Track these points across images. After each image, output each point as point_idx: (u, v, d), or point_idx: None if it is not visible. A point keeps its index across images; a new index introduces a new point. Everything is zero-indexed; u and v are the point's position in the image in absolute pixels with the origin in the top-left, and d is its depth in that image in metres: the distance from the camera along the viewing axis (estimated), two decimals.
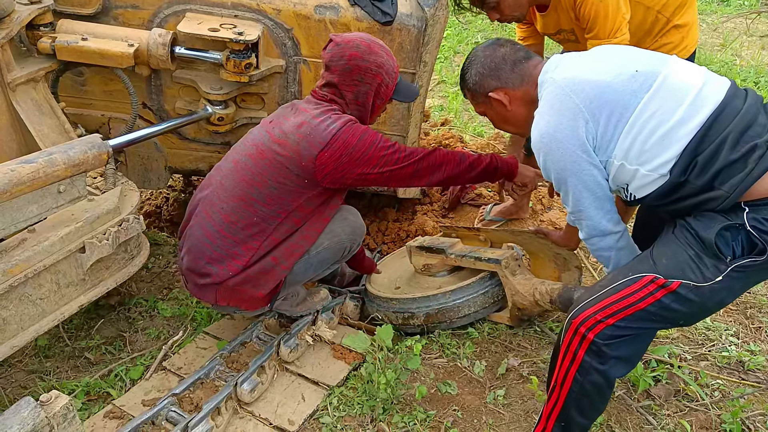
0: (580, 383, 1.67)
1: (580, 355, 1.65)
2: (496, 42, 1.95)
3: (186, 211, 2.29)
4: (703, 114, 1.58)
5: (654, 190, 1.64)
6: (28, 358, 2.39)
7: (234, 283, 2.13)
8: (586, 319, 1.64)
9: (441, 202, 3.36)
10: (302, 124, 2.09)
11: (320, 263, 2.27)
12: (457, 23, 6.36)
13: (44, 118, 2.35)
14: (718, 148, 1.54)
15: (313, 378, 2.24)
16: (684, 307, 1.59)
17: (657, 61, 1.71)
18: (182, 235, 2.26)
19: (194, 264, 2.16)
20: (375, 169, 2.10)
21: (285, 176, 2.08)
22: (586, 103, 1.66)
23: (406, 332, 2.48)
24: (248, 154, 2.15)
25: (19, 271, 1.88)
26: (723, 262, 1.54)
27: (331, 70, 2.15)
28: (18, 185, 1.79)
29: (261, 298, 2.20)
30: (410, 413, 2.08)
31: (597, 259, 1.91)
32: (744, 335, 2.49)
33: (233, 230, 2.11)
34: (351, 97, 2.16)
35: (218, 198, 2.15)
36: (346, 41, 2.14)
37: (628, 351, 1.68)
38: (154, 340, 2.50)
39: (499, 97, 1.90)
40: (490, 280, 2.41)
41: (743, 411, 2.09)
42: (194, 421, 1.91)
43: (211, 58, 2.53)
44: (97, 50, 2.40)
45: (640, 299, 1.59)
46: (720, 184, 1.54)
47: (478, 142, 4.01)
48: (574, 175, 1.72)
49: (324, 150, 2.04)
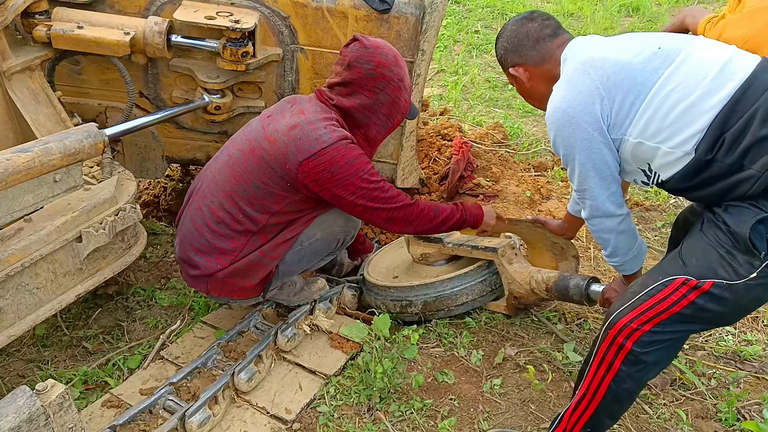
0: (614, 392, 1.65)
1: (617, 365, 1.61)
2: (527, 16, 1.90)
3: (183, 200, 2.29)
4: (729, 87, 1.49)
5: (679, 169, 1.57)
6: (26, 348, 2.39)
7: (223, 275, 2.14)
8: (623, 328, 1.59)
9: (439, 192, 3.35)
10: (295, 126, 2.03)
11: (313, 254, 2.28)
12: (457, 11, 6.32)
13: (40, 107, 2.34)
14: (747, 124, 1.45)
15: (311, 367, 2.24)
16: (720, 307, 1.53)
17: (682, 40, 1.65)
18: (178, 223, 2.28)
19: (184, 254, 2.19)
20: (351, 197, 2.06)
21: (269, 177, 2.05)
22: (603, 80, 1.63)
23: (403, 321, 2.48)
24: (241, 149, 2.14)
25: (16, 261, 1.88)
26: (757, 258, 1.47)
27: (352, 70, 2.07)
28: (13, 174, 1.78)
29: (252, 287, 2.21)
30: (407, 402, 2.09)
31: (596, 240, 1.89)
32: (741, 325, 2.49)
33: (221, 225, 2.11)
34: (368, 102, 2.10)
35: (210, 191, 2.15)
36: (374, 46, 2.08)
37: (663, 356, 1.64)
38: (152, 329, 2.51)
39: (518, 74, 1.88)
40: (488, 268, 2.41)
41: (739, 400, 2.10)
42: (191, 410, 1.92)
43: (207, 46, 2.52)
44: (93, 39, 2.38)
45: (674, 302, 1.54)
46: (750, 163, 1.45)
47: (477, 131, 4.00)
48: (582, 153, 1.69)
49: (309, 159, 1.99)
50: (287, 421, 2.02)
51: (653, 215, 3.22)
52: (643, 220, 3.17)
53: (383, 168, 2.97)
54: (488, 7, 6.52)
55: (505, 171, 3.60)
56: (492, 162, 3.64)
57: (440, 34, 3.41)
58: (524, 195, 3.36)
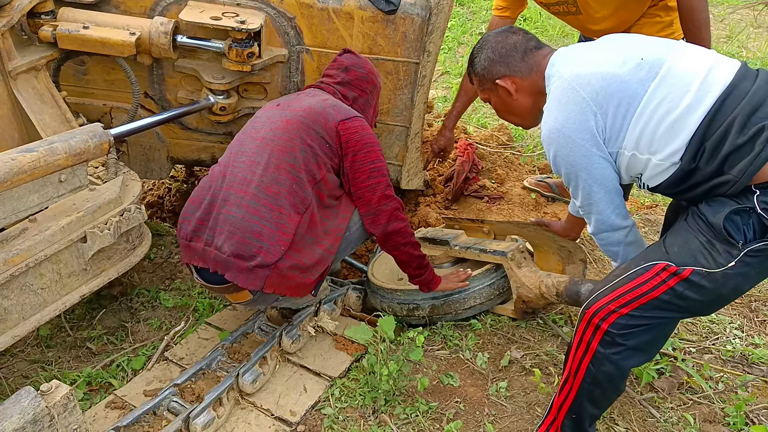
0: (593, 374, 1.68)
1: (594, 346, 1.65)
2: (509, 29, 1.92)
3: (190, 204, 2.13)
4: (709, 99, 1.55)
5: (666, 178, 1.62)
6: (30, 348, 2.39)
7: (286, 266, 2.01)
8: (600, 310, 1.63)
9: (444, 194, 3.34)
10: (325, 100, 2.23)
11: (357, 239, 2.28)
12: (461, 14, 6.32)
13: (45, 107, 2.34)
14: (726, 133, 1.51)
15: (315, 369, 2.23)
16: (698, 295, 1.56)
17: (663, 48, 1.68)
18: (198, 231, 2.07)
19: (242, 246, 1.98)
20: (368, 165, 2.17)
21: (312, 138, 2.12)
22: (592, 95, 1.65)
23: (409, 324, 2.47)
24: (272, 129, 2.13)
25: (20, 261, 1.87)
26: (735, 247, 1.51)
27: (349, 72, 2.37)
28: (19, 174, 1.78)
29: (309, 284, 2.11)
30: (412, 405, 2.07)
31: (605, 253, 1.90)
32: (748, 328, 2.48)
33: (278, 201, 2.02)
34: (361, 100, 2.39)
35: (252, 174, 2.05)
36: (364, 58, 2.44)
37: (642, 341, 1.66)
38: (156, 330, 2.50)
39: (505, 85, 1.88)
40: (496, 272, 2.40)
41: (747, 404, 2.08)
42: (196, 412, 1.91)
43: (213, 47, 2.51)
44: (98, 39, 2.38)
45: (653, 288, 1.58)
46: (729, 169, 1.51)
47: (482, 133, 3.99)
48: (584, 170, 1.71)
49: (347, 120, 2.16)
50: (292, 423, 2.01)
51: (659, 217, 3.20)
52: (648, 223, 3.16)
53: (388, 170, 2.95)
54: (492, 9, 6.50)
55: (510, 173, 3.59)
56: (497, 164, 3.64)
57: (445, 36, 3.41)
58: (529, 197, 3.35)
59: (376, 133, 2.84)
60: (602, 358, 1.65)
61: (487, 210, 3.25)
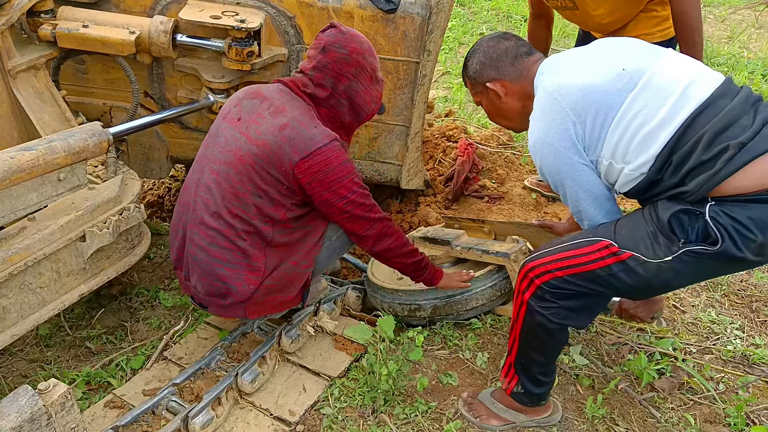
0: (528, 322, 1.80)
1: (526, 297, 1.78)
2: (502, 35, 1.97)
3: (172, 228, 2.15)
4: (683, 115, 1.58)
5: (634, 186, 1.68)
6: (29, 347, 2.38)
7: (261, 295, 2.03)
8: (536, 267, 1.75)
9: (444, 194, 3.34)
10: (285, 126, 1.92)
11: (343, 245, 2.24)
12: (462, 14, 6.32)
13: (45, 106, 2.34)
14: (693, 148, 1.55)
15: (315, 369, 2.23)
16: (629, 279, 1.64)
17: (647, 58, 1.70)
18: (179, 261, 2.13)
19: (212, 288, 2.02)
20: (339, 202, 1.97)
21: (267, 182, 1.94)
22: (571, 105, 1.68)
23: (409, 324, 2.46)
24: (227, 163, 1.97)
25: (19, 260, 1.87)
26: (675, 244, 1.57)
27: (327, 54, 1.99)
28: (18, 172, 1.78)
29: (291, 299, 2.13)
30: (412, 405, 2.07)
31: None
32: (749, 329, 2.47)
33: (237, 243, 1.98)
34: (341, 88, 2.02)
35: (210, 215, 1.98)
36: (351, 33, 2.02)
37: (572, 305, 1.75)
38: (156, 329, 2.50)
39: (495, 88, 1.91)
40: (498, 273, 2.39)
41: (748, 405, 2.07)
42: (194, 411, 1.91)
43: (213, 46, 2.51)
44: (98, 38, 2.38)
45: (591, 261, 1.67)
46: (688, 182, 1.56)
47: (482, 133, 3.98)
48: (569, 177, 1.74)
49: (305, 159, 1.90)
50: (291, 423, 2.00)
51: None
52: None
53: (388, 169, 2.95)
54: (493, 9, 6.52)
55: (510, 173, 3.59)
56: (497, 164, 3.63)
57: (445, 36, 3.41)
58: (530, 197, 3.35)
59: (376, 133, 2.83)
60: (533, 310, 1.77)
61: (487, 210, 3.24)
